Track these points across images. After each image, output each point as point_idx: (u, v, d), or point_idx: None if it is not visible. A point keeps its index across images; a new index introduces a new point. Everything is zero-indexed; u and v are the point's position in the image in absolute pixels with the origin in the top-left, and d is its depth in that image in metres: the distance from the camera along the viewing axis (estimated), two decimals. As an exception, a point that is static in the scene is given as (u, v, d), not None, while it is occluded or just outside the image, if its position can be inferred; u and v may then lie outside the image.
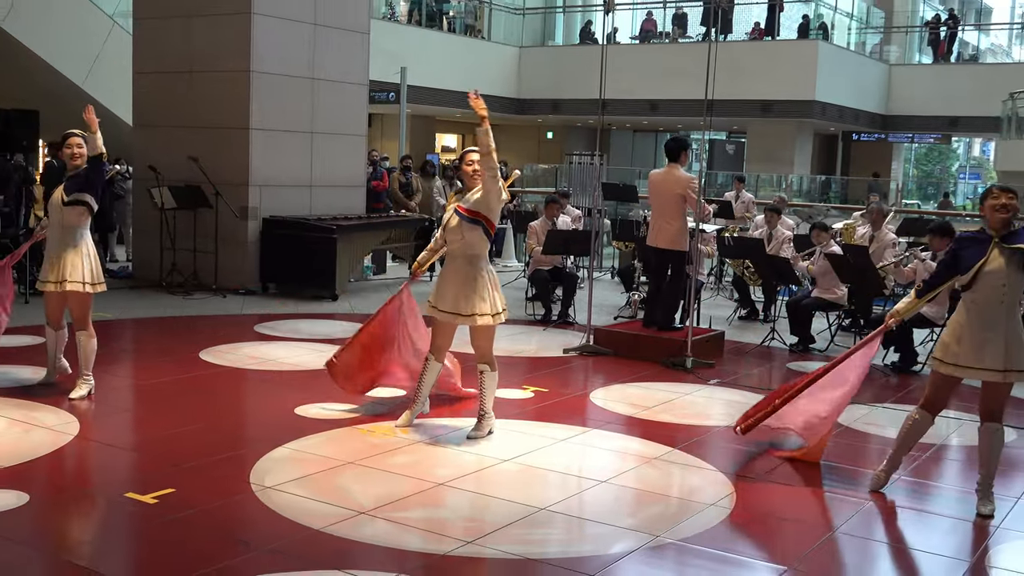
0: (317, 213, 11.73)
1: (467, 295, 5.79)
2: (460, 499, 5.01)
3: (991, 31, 33.66)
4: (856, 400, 7.38)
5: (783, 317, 9.77)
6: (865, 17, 27.22)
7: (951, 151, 40.95)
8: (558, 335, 9.53)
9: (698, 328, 8.80)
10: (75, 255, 6.44)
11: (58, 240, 6.49)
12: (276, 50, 11.38)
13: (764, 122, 23.64)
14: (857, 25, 26.57)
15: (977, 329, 4.99)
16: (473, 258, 5.85)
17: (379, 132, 24.94)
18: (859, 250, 9.24)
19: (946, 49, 26.53)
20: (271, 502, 4.82)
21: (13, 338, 8.32)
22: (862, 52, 26.33)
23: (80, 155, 6.47)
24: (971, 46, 29.32)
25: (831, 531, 4.82)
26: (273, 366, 7.80)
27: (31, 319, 9.20)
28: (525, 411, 6.76)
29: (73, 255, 6.44)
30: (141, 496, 4.80)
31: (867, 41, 27.14)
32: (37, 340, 8.37)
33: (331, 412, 6.43)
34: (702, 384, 7.76)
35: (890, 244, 9.96)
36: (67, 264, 6.41)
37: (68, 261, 6.42)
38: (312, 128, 11.87)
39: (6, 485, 4.86)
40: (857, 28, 26.56)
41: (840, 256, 9.06)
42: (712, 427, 6.61)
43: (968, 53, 28.62)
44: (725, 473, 5.56)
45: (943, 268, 5.28)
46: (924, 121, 26.01)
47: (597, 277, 12.91)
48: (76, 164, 6.47)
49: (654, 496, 5.22)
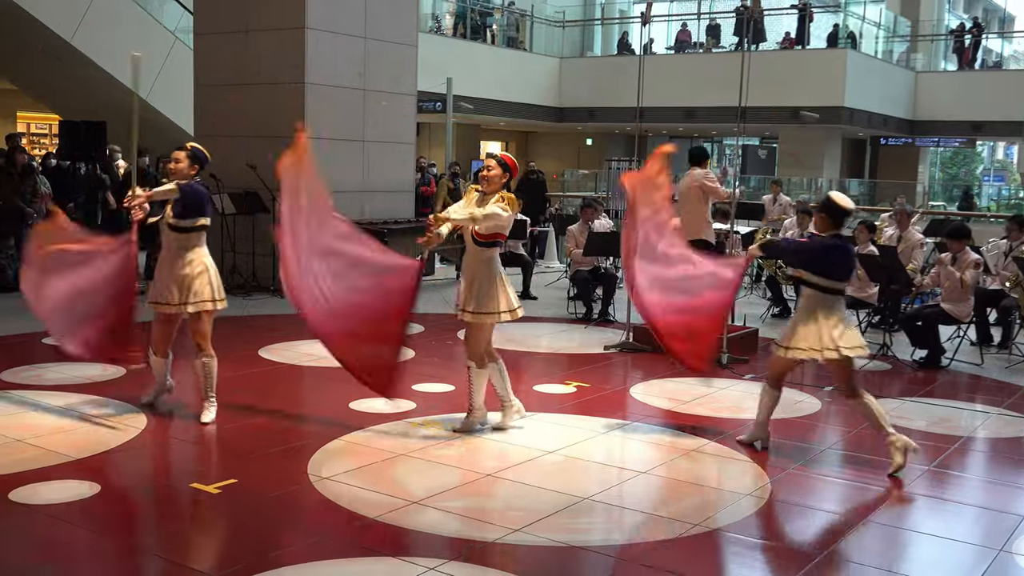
0: (369, 217, 11.78)
1: (483, 294, 5.77)
2: (506, 489, 5.01)
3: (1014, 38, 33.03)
4: (885, 395, 7.30)
5: (815, 315, 9.64)
6: (892, 26, 26.86)
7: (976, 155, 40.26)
8: (598, 333, 9.50)
9: (733, 325, 8.72)
10: (196, 273, 5.83)
11: (172, 260, 5.86)
12: (329, 63, 11.45)
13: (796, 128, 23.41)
14: (884, 34, 26.22)
15: None
16: (490, 260, 5.84)
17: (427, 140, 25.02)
18: (887, 250, 9.12)
19: (971, 56, 26.10)
20: (327, 492, 4.84)
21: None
22: (889, 60, 25.99)
23: (176, 170, 5.88)
24: (995, 53, 28.79)
25: (863, 520, 4.76)
26: (328, 363, 7.78)
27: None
28: (567, 405, 6.74)
29: (193, 273, 5.83)
30: (205, 486, 4.85)
31: (894, 49, 26.78)
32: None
33: (384, 406, 6.46)
34: (737, 379, 7.70)
35: (917, 244, 9.83)
36: (191, 283, 5.80)
37: (190, 280, 5.81)
38: (363, 137, 11.93)
39: (79, 476, 4.94)
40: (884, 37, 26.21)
41: (870, 256, 8.93)
42: (747, 420, 6.54)
43: (992, 60, 28.11)
44: (759, 464, 5.51)
45: (802, 248, 5.67)
46: (949, 126, 25.62)
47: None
48: (173, 178, 5.90)
49: (691, 486, 5.18)
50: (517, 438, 5.84)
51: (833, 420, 6.71)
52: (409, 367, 6.81)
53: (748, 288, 12.69)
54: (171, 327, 6.01)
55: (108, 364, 6.56)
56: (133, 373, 7.05)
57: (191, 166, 5.92)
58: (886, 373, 8.19)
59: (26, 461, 5.13)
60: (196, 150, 5.99)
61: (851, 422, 6.56)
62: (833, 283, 5.42)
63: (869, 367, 8.24)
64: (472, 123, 25.45)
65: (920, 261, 9.92)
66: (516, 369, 7.83)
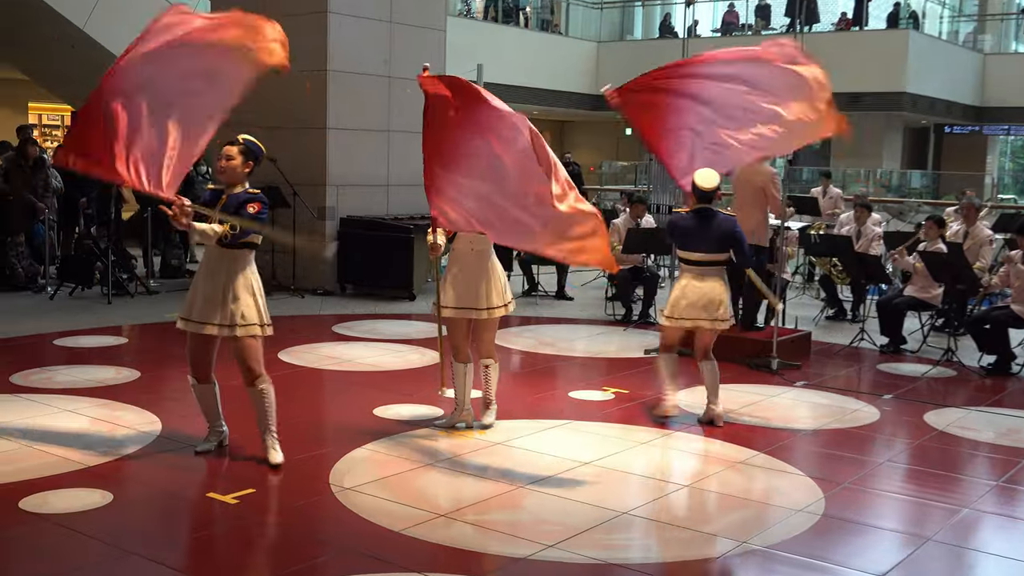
0: (394, 213, 11.84)
1: (478, 290, 5.89)
2: (540, 502, 5.01)
3: (1093, 17, 32.51)
4: (950, 403, 7.23)
5: (872, 317, 9.58)
6: (958, 5, 26.54)
7: (1051, 143, 39.67)
8: (639, 336, 9.48)
9: (783, 328, 8.67)
10: (244, 291, 5.27)
11: (214, 271, 5.26)
12: (352, 49, 11.52)
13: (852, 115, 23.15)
14: (950, 13, 25.92)
15: None
16: (481, 253, 5.95)
17: (455, 130, 25.06)
18: (953, 248, 9.01)
19: (1045, 36, 25.77)
20: (350, 503, 4.87)
21: (93, 338, 8.57)
22: (955, 41, 25.68)
23: (226, 168, 5.28)
24: (1071, 33, 28.40)
25: (925, 540, 4.71)
26: (351, 367, 7.89)
27: (112, 319, 9.47)
28: (605, 413, 6.74)
29: (242, 291, 5.26)
30: (222, 496, 4.89)
31: (960, 30, 26.46)
32: (117, 340, 8.62)
33: (410, 413, 6.49)
34: (788, 386, 7.65)
35: (986, 241, 9.70)
36: (237, 303, 5.22)
37: (236, 299, 5.23)
38: (388, 127, 11.99)
39: (90, 484, 5.00)
40: (950, 16, 25.91)
41: (935, 254, 8.84)
42: (799, 431, 6.51)
43: (1068, 40, 27.73)
44: (813, 478, 5.47)
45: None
46: (1021, 112, 25.27)
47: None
48: (222, 178, 5.34)
49: (738, 501, 5.16)
50: (551, 448, 5.84)
51: (892, 431, 6.65)
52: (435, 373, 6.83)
53: (800, 288, 12.61)
54: (211, 348, 5.42)
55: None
56: (148, 376, 7.14)
57: (245, 163, 5.31)
58: (950, 380, 8.11)
59: (36, 468, 5.21)
60: (250, 144, 5.36)
61: (913, 433, 6.50)
62: (686, 254, 6.43)
63: (932, 374, 8.16)
64: (504, 112, 25.45)
65: (988, 259, 9.78)
66: (551, 374, 7.84)
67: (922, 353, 8.88)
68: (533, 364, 8.24)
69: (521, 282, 11.87)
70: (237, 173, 5.30)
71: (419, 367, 7.90)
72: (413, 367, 7.90)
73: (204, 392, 5.50)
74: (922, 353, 8.88)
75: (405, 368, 7.88)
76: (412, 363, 8.02)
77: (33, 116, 21.06)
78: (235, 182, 5.31)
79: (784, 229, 8.99)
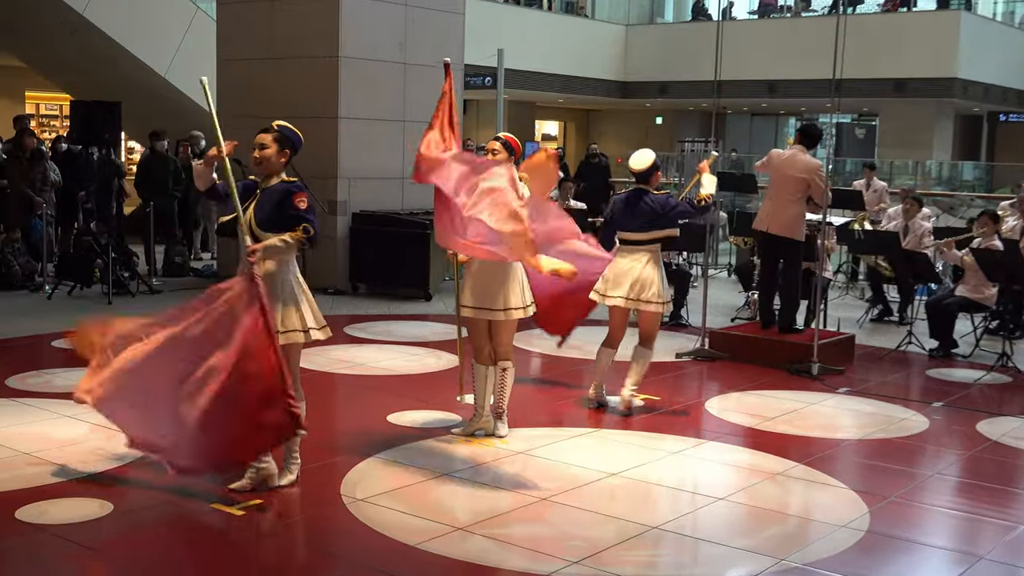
0: (409, 207, 11.85)
1: (498, 290, 5.90)
2: (564, 515, 5.00)
3: None
4: (1005, 412, 7.17)
5: (921, 319, 9.51)
6: (1014, -17, 26.33)
7: (1114, 132, 39.32)
8: (669, 338, 9.44)
9: (825, 331, 8.63)
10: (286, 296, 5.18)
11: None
12: (365, 34, 11.54)
13: (899, 103, 23.07)
14: (1005, -7, 25.71)
15: None
16: None
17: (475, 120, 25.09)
18: (1009, 245, 8.93)
19: (1108, 17, 25.51)
20: (363, 515, 4.88)
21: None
22: (1010, 23, 25.47)
23: (262, 159, 5.16)
24: None
25: (977, 558, 4.67)
26: (364, 370, 7.91)
27: (114, 320, 9.52)
28: (634, 421, 6.72)
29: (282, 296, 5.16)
30: (227, 507, 4.91)
31: (1016, 11, 26.24)
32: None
33: (426, 420, 6.49)
34: (830, 393, 7.61)
35: (1044, 237, 9.60)
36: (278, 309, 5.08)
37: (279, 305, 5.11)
38: (404, 116, 12.01)
39: (88, 494, 5.03)
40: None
41: (988, 252, 8.76)
42: (841, 440, 6.48)
43: None
44: (857, 491, 5.44)
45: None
46: (1083, 99, 25.05)
47: (712, 275, 12.77)
48: (259, 170, 5.22)
49: (776, 515, 5.13)
50: (576, 457, 5.83)
51: (942, 441, 6.61)
52: (453, 377, 6.85)
53: (843, 288, 12.54)
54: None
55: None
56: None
57: (281, 152, 5.17)
58: (1006, 387, 8.04)
59: (33, 477, 5.24)
60: (285, 130, 5.21)
61: (965, 444, 6.45)
62: (621, 234, 6.76)
63: (985, 380, 8.10)
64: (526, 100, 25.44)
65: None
66: (576, 380, 7.82)
67: (975, 358, 8.81)
68: (556, 368, 8.23)
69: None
70: (273, 163, 5.15)
71: (436, 371, 7.91)
72: (429, 371, 7.90)
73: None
74: (975, 358, 8.81)
75: (421, 372, 7.89)
76: (428, 367, 8.02)
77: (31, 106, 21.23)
78: (272, 172, 5.16)
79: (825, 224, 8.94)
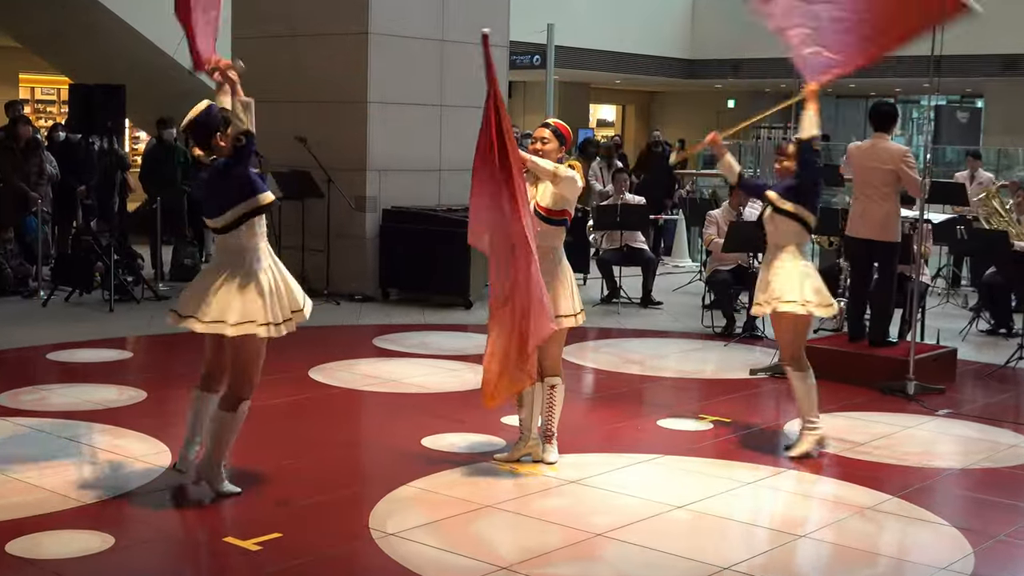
0: (447, 203, 11.87)
1: (554, 292, 5.87)
2: (622, 553, 5.00)
3: None
4: None
5: (1034, 330, 9.40)
6: None
7: None
8: (743, 352, 9.41)
9: (923, 344, 8.55)
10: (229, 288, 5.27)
11: (219, 263, 5.45)
12: (398, 7, 11.58)
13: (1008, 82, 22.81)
14: None
15: None
16: (548, 251, 5.93)
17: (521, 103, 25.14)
18: None
19: None
20: (394, 552, 4.89)
21: (93, 352, 8.73)
22: None
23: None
24: None
25: (1100, 606, 4.61)
26: (396, 387, 7.93)
27: (114, 330, 9.64)
28: (702, 446, 6.70)
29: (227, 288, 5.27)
30: (242, 541, 4.94)
31: None
32: (121, 355, 8.78)
33: (465, 444, 6.50)
34: (928, 415, 7.55)
35: None
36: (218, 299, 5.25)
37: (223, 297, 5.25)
38: (441, 100, 12.04)
39: (88, 525, 5.07)
40: None
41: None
42: (941, 470, 6.41)
43: None
44: (959, 528, 5.38)
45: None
46: None
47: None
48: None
49: (865, 555, 5.10)
50: (635, 488, 5.82)
51: (1058, 471, 6.52)
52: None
53: (943, 295, 12.40)
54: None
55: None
56: (156, 397, 7.24)
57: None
58: None
59: (26, 506, 5.29)
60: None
61: (1083, 474, 6.36)
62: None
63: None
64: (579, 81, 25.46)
65: None
66: (635, 398, 7.81)
67: (1095, 375, 8.71)
68: (614, 386, 8.21)
69: (600, 286, 11.85)
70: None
71: (476, 388, 7.87)
72: (469, 388, 7.90)
73: (196, 400, 5.67)
74: (1095, 375, 8.71)
75: (459, 390, 7.91)
76: (468, 383, 8.02)
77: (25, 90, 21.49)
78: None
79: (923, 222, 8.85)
